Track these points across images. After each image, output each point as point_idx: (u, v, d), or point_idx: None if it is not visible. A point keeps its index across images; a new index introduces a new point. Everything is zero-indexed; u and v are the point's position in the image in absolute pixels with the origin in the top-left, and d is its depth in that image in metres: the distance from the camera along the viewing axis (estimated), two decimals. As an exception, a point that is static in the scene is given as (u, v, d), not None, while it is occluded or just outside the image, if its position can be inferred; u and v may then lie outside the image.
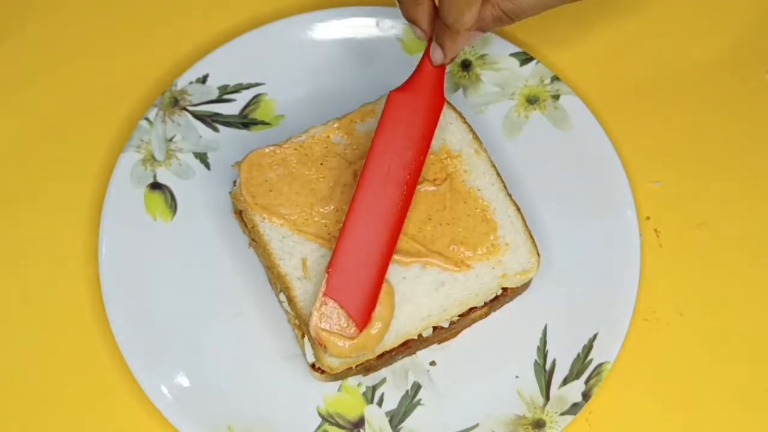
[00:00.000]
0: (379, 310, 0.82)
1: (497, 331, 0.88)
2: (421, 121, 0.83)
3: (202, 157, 0.91)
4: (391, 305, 0.83)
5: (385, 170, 0.82)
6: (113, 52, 0.95)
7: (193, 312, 0.88)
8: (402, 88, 0.83)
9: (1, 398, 0.87)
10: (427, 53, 0.83)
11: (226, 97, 0.93)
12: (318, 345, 0.81)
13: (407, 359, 0.88)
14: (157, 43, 0.95)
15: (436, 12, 0.81)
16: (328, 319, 0.81)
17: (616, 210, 0.90)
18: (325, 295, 0.81)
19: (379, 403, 0.87)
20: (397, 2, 0.82)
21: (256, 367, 0.87)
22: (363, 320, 0.81)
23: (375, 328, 0.82)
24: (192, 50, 0.95)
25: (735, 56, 0.96)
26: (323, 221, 0.85)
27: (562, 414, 0.86)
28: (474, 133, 0.88)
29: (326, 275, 0.81)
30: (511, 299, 0.88)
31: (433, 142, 0.86)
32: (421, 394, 0.87)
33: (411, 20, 0.82)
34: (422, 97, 0.83)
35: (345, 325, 0.81)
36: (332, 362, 0.82)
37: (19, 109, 0.94)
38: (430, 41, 0.82)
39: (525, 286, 0.87)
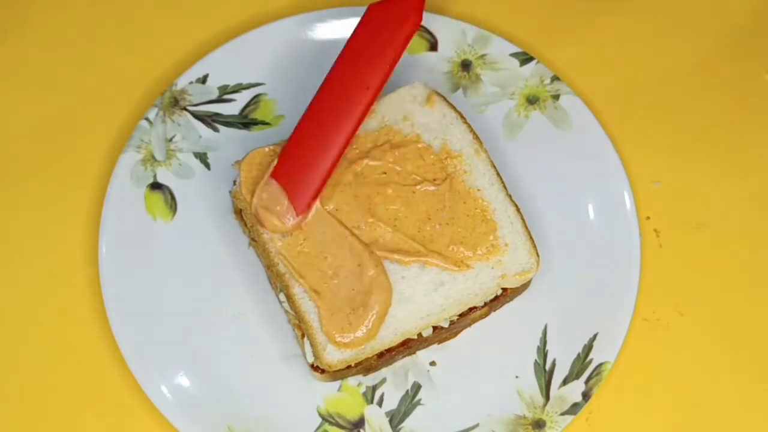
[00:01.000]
0: (375, 299, 0.82)
1: (497, 331, 0.88)
2: (396, 33, 0.85)
3: (202, 157, 0.91)
4: (388, 297, 0.83)
5: (353, 75, 0.85)
6: (113, 52, 0.95)
7: (193, 312, 0.88)
8: (381, 2, 0.86)
9: (1, 398, 0.87)
10: None
11: (226, 97, 0.93)
12: (257, 223, 0.84)
13: (407, 359, 0.88)
14: (157, 43, 0.95)
15: None
16: (269, 198, 0.83)
17: (616, 210, 0.90)
18: (270, 176, 0.83)
19: (379, 403, 0.87)
20: None
21: (256, 367, 0.87)
22: (302, 206, 0.83)
23: (370, 317, 0.82)
24: (192, 50, 0.95)
25: (734, 57, 0.96)
26: (323, 221, 0.85)
27: (562, 414, 0.86)
28: (474, 133, 0.88)
29: (276, 159, 0.84)
30: (511, 299, 0.88)
31: (434, 142, 0.87)
32: (421, 394, 0.87)
33: None
34: (400, 12, 0.85)
35: (285, 207, 0.83)
36: (332, 359, 0.82)
37: (19, 109, 0.94)
38: None
39: (525, 286, 0.87)
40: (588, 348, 0.87)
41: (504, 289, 0.86)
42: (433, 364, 0.88)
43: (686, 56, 0.96)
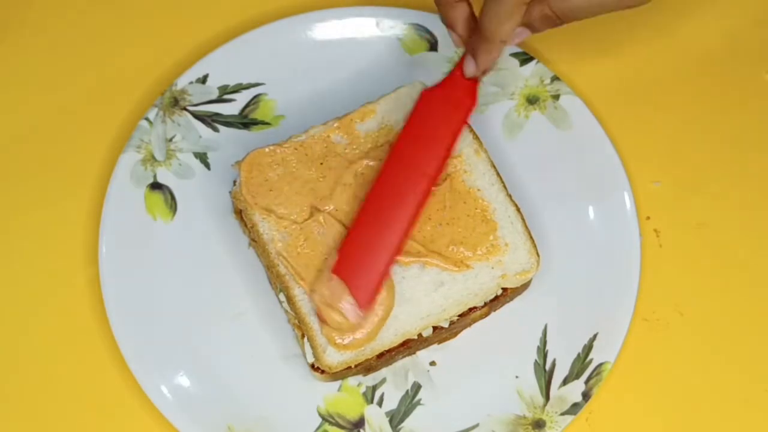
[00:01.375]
0: (383, 296, 0.82)
1: (497, 331, 0.88)
2: (450, 120, 0.83)
3: (202, 157, 0.91)
4: (391, 300, 0.83)
5: (409, 162, 0.83)
6: (113, 51, 0.95)
7: (193, 312, 0.88)
8: (435, 87, 0.84)
9: (1, 398, 0.87)
10: (461, 62, 0.83)
11: (226, 97, 0.93)
12: (319, 319, 0.82)
13: (407, 359, 0.88)
14: (157, 43, 0.95)
15: (473, 18, 0.81)
16: (332, 295, 0.81)
17: (616, 210, 0.90)
18: (332, 271, 0.82)
19: (379, 403, 0.87)
20: (435, 5, 0.82)
21: (256, 367, 0.87)
22: (366, 302, 0.81)
23: (377, 313, 0.82)
24: (192, 50, 0.95)
25: (735, 56, 0.96)
26: (323, 221, 0.85)
27: (562, 414, 0.86)
28: (474, 133, 0.88)
29: (337, 254, 0.82)
30: (511, 299, 0.88)
31: (433, 142, 0.87)
32: (421, 394, 0.87)
33: (448, 24, 0.82)
34: (454, 97, 0.83)
35: (348, 304, 0.81)
36: (332, 361, 0.82)
37: (19, 108, 0.94)
38: (465, 51, 0.82)
39: (525, 286, 0.87)
40: (588, 348, 0.87)
41: (504, 289, 0.86)
42: (433, 364, 0.88)
43: (686, 56, 0.96)
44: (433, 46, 0.94)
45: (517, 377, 0.87)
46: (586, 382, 0.86)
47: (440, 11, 0.82)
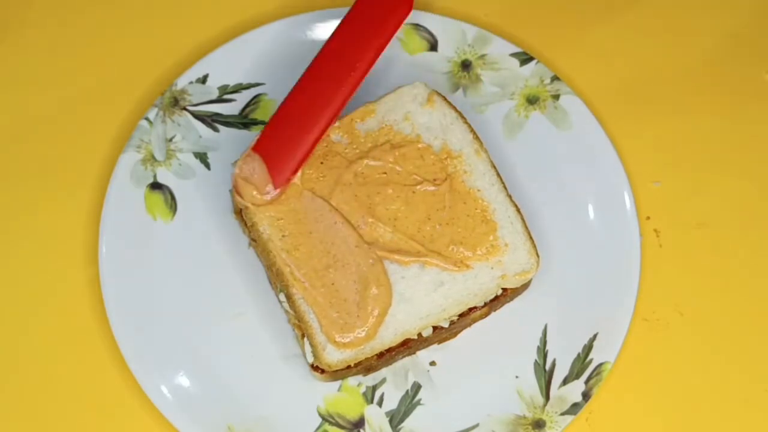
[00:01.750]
0: (376, 294, 0.82)
1: (497, 331, 0.88)
2: (386, 20, 0.87)
3: (202, 157, 0.91)
4: (388, 297, 0.83)
5: (339, 55, 0.86)
6: (113, 51, 0.95)
7: (193, 312, 0.88)
8: None
9: (1, 398, 0.87)
10: None
11: (226, 97, 0.93)
12: (234, 190, 0.84)
13: (407, 359, 0.88)
14: (157, 43, 0.95)
15: None
16: (249, 169, 0.84)
17: (616, 210, 0.90)
18: (252, 149, 0.85)
19: (379, 403, 0.87)
20: None
21: (256, 367, 0.87)
22: (281, 180, 0.84)
23: (374, 312, 0.82)
24: (192, 50, 0.95)
25: (735, 56, 0.96)
26: (323, 221, 0.85)
27: (562, 414, 0.86)
28: (474, 133, 0.88)
29: (259, 133, 0.85)
30: (511, 299, 0.88)
31: (434, 142, 0.87)
32: (421, 394, 0.87)
33: None
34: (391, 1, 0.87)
35: (264, 179, 0.84)
36: (331, 359, 0.82)
37: (19, 108, 0.94)
38: None
39: (525, 286, 0.87)
40: (588, 348, 0.87)
41: (504, 289, 0.86)
42: (433, 364, 0.88)
43: (686, 56, 0.96)
44: (433, 46, 0.94)
45: (517, 377, 0.87)
46: (586, 382, 0.86)
47: None
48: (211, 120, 0.92)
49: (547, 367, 0.87)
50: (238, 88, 0.93)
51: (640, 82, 0.95)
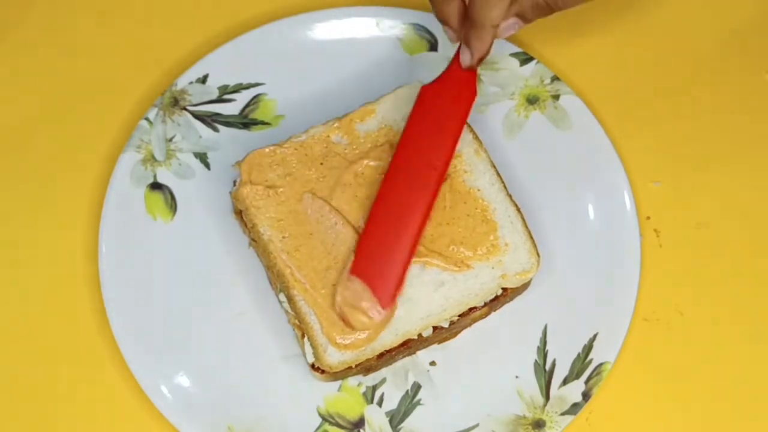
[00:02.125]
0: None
1: (497, 331, 0.88)
2: (452, 113, 0.84)
3: (202, 157, 0.91)
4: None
5: (416, 158, 0.83)
6: (113, 52, 0.95)
7: (193, 312, 0.88)
8: (433, 83, 0.85)
9: (1, 398, 0.87)
10: (457, 55, 0.84)
11: (226, 97, 0.93)
12: (342, 322, 0.82)
13: (407, 359, 0.88)
14: (157, 43, 0.95)
15: (466, 12, 0.82)
16: (353, 296, 0.82)
17: (616, 210, 0.90)
18: (350, 272, 0.82)
19: (379, 403, 0.87)
20: (429, 2, 0.83)
21: (256, 367, 0.87)
22: (388, 300, 0.82)
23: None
24: (192, 50, 0.95)
25: (735, 56, 0.96)
26: (323, 221, 0.85)
27: (562, 414, 0.86)
28: (474, 133, 0.88)
29: (352, 255, 0.82)
30: (511, 299, 0.88)
31: (433, 142, 0.87)
32: (421, 394, 0.87)
33: (442, 19, 0.83)
34: (453, 91, 0.84)
35: (370, 302, 0.82)
36: (333, 360, 0.82)
37: (19, 108, 0.94)
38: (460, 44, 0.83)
39: (525, 286, 0.87)
40: (588, 348, 0.87)
41: (504, 289, 0.86)
42: (433, 364, 0.88)
43: (686, 56, 0.96)
44: (433, 46, 0.94)
45: (517, 377, 0.87)
46: (586, 382, 0.86)
47: (434, 7, 0.83)
48: (211, 120, 0.92)
49: (547, 367, 0.87)
50: (238, 88, 0.93)
51: (640, 83, 0.95)
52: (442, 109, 0.84)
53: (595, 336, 0.87)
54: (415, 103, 0.85)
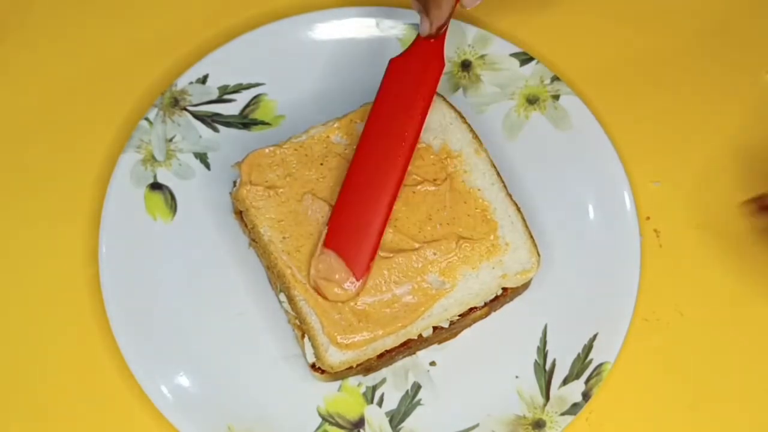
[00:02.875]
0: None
1: (497, 331, 0.88)
2: (421, 84, 0.84)
3: (202, 157, 0.91)
4: None
5: (385, 131, 0.84)
6: (113, 51, 0.95)
7: (193, 312, 0.88)
8: (401, 55, 0.85)
9: (2, 398, 0.87)
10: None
11: (226, 97, 0.93)
12: (317, 294, 0.82)
13: (407, 359, 0.88)
14: (157, 43, 0.95)
15: None
16: (327, 268, 0.82)
17: (616, 210, 0.90)
18: (323, 245, 0.82)
19: (379, 403, 0.87)
20: None
21: (256, 367, 0.87)
22: (361, 270, 0.82)
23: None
24: (192, 50, 0.95)
25: (735, 56, 0.96)
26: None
27: (562, 414, 0.86)
28: (474, 133, 0.88)
29: (325, 228, 0.83)
30: (511, 299, 0.88)
31: (434, 142, 0.87)
32: (421, 394, 0.87)
33: None
34: (421, 62, 0.84)
35: (343, 274, 0.82)
36: (334, 360, 0.82)
37: (19, 108, 0.94)
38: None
39: (525, 286, 0.87)
40: (588, 348, 0.87)
41: (504, 289, 0.86)
42: (433, 364, 0.88)
43: (686, 56, 0.96)
44: (433, 46, 0.94)
45: (517, 377, 0.87)
46: (586, 382, 0.86)
47: None
48: (211, 120, 0.92)
49: (547, 367, 0.87)
50: (238, 88, 0.93)
51: (640, 83, 0.95)
52: (410, 81, 0.85)
53: (595, 336, 0.87)
54: (384, 75, 0.85)
